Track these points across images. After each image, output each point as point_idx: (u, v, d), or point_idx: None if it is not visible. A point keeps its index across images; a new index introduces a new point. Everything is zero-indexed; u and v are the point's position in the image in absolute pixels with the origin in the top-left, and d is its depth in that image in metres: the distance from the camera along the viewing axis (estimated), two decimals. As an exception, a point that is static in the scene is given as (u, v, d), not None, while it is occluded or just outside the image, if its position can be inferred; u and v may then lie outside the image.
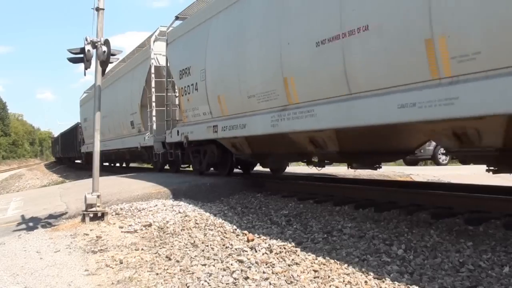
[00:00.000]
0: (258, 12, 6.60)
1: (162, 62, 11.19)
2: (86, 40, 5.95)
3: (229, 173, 9.31)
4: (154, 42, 11.64)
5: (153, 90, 11.49)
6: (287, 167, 11.48)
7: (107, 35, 5.95)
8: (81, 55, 6.03)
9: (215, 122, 8.10)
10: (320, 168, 8.25)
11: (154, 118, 11.54)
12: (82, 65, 6.09)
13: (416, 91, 4.17)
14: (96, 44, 5.96)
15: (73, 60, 6.24)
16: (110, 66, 7.45)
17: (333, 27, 5.00)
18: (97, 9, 6.12)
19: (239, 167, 10.35)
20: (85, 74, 6.26)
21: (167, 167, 12.44)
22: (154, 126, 11.55)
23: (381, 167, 6.73)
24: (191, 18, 9.46)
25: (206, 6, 8.86)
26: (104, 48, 5.96)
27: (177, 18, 10.54)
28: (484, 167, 4.67)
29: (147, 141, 11.88)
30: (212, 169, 9.89)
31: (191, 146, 9.62)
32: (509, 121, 3.79)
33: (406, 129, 4.96)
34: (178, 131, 9.74)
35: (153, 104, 11.49)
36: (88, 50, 5.92)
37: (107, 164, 20.02)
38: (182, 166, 11.43)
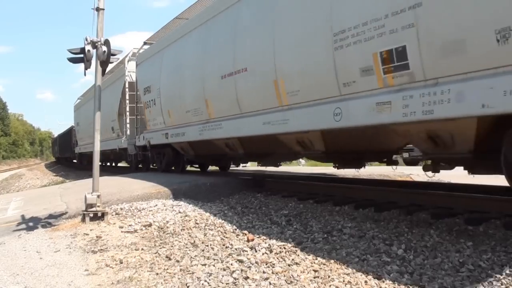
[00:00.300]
0: (191, 50, 8.95)
1: (135, 78, 13.17)
2: (86, 40, 5.95)
3: (182, 170, 11.58)
4: (128, 61, 13.83)
5: (127, 101, 13.57)
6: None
7: (107, 35, 5.97)
8: (81, 55, 6.03)
9: (166, 130, 10.38)
10: (236, 166, 12.59)
11: (128, 125, 13.62)
12: (82, 65, 6.09)
13: (270, 114, 6.43)
14: (96, 44, 5.96)
15: (73, 60, 6.24)
16: (110, 66, 7.50)
17: (229, 67, 7.27)
18: (97, 9, 6.12)
19: (196, 166, 12.78)
20: (85, 74, 6.26)
21: (140, 166, 14.47)
22: (128, 132, 13.59)
23: (281, 165, 9.66)
24: (153, 46, 11.73)
25: (162, 38, 11.27)
26: (104, 48, 5.96)
27: (145, 43, 12.99)
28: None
29: (123, 144, 13.97)
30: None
31: (154, 149, 11.75)
32: (322, 134, 5.84)
33: (276, 138, 6.79)
34: (143, 137, 11.98)
35: (127, 113, 13.62)
36: (88, 50, 5.92)
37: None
38: (153, 165, 13.16)
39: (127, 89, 13.57)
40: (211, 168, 13.80)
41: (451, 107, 4.01)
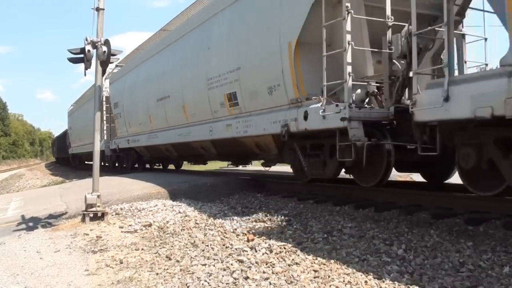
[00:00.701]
0: (141, 78, 12.87)
1: (109, 94, 16.99)
2: (86, 40, 5.95)
3: (143, 169, 15.32)
4: (105, 79, 16.61)
5: (104, 112, 16.49)
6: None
7: (107, 35, 6.00)
8: (81, 55, 6.04)
9: (128, 137, 14.16)
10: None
11: (105, 131, 16.86)
12: (82, 65, 6.09)
13: (181, 128, 10.00)
14: (96, 44, 5.96)
15: (74, 60, 6.24)
16: (110, 66, 7.55)
17: (161, 93, 10.94)
18: (97, 9, 6.12)
19: (158, 165, 16.44)
20: (85, 74, 6.27)
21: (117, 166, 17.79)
22: (105, 137, 16.80)
23: (207, 163, 13.91)
24: (120, 70, 15.68)
25: (125, 65, 15.17)
26: (104, 48, 5.96)
27: (116, 66, 16.12)
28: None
29: (101, 147, 16.46)
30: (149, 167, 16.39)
31: (123, 151, 15.26)
32: (211, 142, 8.99)
33: (189, 145, 10.15)
34: (114, 142, 15.59)
35: (104, 122, 16.72)
36: (88, 50, 5.92)
37: (90, 163, 24.51)
38: (124, 165, 16.45)
39: (104, 102, 16.44)
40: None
41: (254, 129, 7.13)
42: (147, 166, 16.26)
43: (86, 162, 26.39)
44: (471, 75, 4.57)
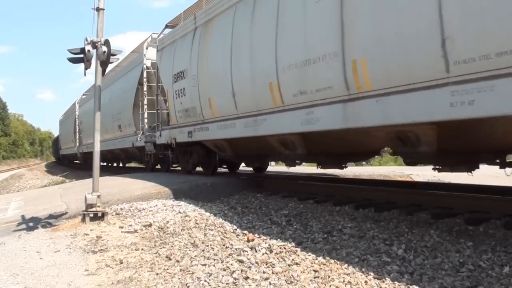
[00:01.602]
0: (91, 106, 16.60)
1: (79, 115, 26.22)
2: (86, 40, 5.93)
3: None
4: (77, 103, 25.87)
5: (77, 127, 25.37)
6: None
7: (108, 35, 6.02)
8: (81, 55, 6.02)
9: (87, 145, 20.94)
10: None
11: (77, 140, 25.37)
12: (82, 65, 6.09)
13: (106, 142, 17.21)
14: (96, 44, 5.95)
15: (73, 60, 6.23)
16: (110, 66, 7.52)
17: (108, 118, 17.09)
18: (97, 9, 6.11)
19: (115, 164, 23.08)
20: (85, 74, 6.26)
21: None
22: (77, 143, 25.43)
23: (131, 162, 21.33)
24: (85, 97, 23.72)
25: (88, 95, 22.85)
26: (104, 48, 5.94)
27: (84, 94, 24.47)
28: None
29: (75, 150, 26.33)
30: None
31: (85, 154, 22.20)
32: (120, 150, 17.34)
33: (114, 151, 17.82)
34: (81, 147, 23.53)
35: (77, 133, 25.39)
36: (88, 50, 5.90)
37: (77, 162, 32.49)
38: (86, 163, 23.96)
39: (77, 120, 25.37)
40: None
41: (126, 144, 15.00)
42: (109, 165, 22.99)
43: (74, 161, 33.47)
44: (165, 127, 10.20)
